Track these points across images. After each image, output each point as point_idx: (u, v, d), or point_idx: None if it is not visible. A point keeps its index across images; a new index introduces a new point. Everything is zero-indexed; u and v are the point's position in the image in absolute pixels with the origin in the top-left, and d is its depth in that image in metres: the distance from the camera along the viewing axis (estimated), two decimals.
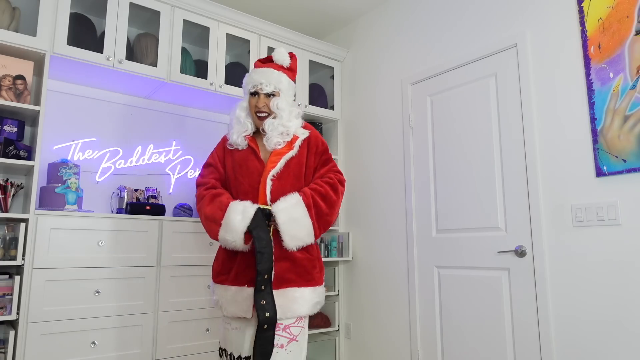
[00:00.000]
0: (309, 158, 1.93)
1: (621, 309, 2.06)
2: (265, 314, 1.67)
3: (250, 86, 1.95)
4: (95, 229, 2.44)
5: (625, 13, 2.13)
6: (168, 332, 2.60)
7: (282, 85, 1.94)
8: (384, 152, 3.32)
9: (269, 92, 1.91)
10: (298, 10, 3.60)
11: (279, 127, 1.87)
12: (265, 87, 1.91)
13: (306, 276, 1.82)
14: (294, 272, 1.80)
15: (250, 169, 1.88)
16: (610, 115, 2.14)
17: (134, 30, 3.12)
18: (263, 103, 1.91)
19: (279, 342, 1.74)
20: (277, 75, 1.95)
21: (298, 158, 1.90)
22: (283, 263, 1.79)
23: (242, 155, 1.92)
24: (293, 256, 1.80)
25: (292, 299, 1.77)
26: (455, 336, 2.71)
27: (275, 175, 1.84)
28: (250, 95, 1.95)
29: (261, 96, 1.92)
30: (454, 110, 2.86)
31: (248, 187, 1.86)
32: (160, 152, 3.21)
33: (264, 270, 1.70)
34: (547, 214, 2.36)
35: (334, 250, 3.46)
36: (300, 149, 1.91)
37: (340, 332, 3.47)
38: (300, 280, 1.80)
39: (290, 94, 2.00)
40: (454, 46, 2.92)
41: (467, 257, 2.69)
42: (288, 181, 1.86)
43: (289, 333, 1.77)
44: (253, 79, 1.94)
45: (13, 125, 2.48)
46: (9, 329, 2.30)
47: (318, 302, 1.86)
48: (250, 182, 1.87)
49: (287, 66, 2.01)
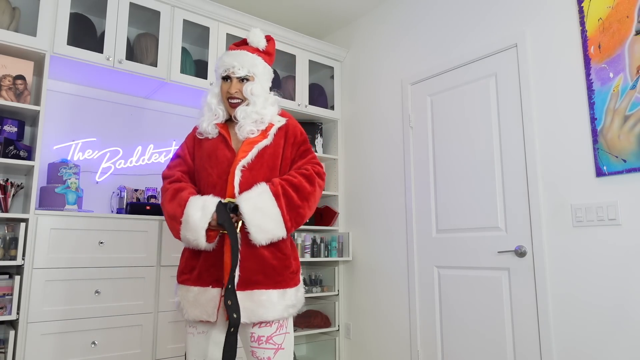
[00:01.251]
0: (286, 149, 1.76)
1: (621, 309, 2.06)
2: (233, 314, 1.53)
3: (221, 70, 1.76)
4: (95, 229, 2.44)
5: (625, 13, 2.13)
6: (168, 332, 2.60)
7: (257, 69, 1.76)
8: (384, 152, 3.32)
9: (242, 75, 1.73)
10: (298, 10, 3.60)
11: (252, 114, 1.70)
12: (237, 70, 1.73)
13: (276, 278, 1.64)
14: (262, 273, 1.62)
15: (219, 159, 1.70)
16: (610, 115, 2.14)
17: (134, 30, 3.12)
18: (236, 89, 1.72)
19: (265, 355, 1.62)
20: (251, 57, 1.76)
21: (273, 148, 1.72)
22: (251, 263, 1.61)
23: (212, 144, 1.74)
24: (262, 255, 1.63)
25: (258, 302, 1.60)
26: (455, 336, 2.71)
27: (246, 165, 1.66)
28: (222, 80, 1.76)
29: (233, 81, 1.73)
30: (454, 110, 2.86)
31: (217, 179, 1.69)
32: (160, 152, 3.21)
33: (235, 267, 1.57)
34: (547, 214, 2.36)
35: (334, 250, 3.46)
36: (275, 138, 1.73)
37: (340, 332, 3.47)
38: (269, 282, 1.62)
39: (266, 78, 1.81)
40: (454, 46, 2.92)
41: (467, 257, 2.69)
42: (260, 172, 1.68)
43: (273, 343, 1.64)
44: (224, 62, 1.76)
45: (13, 125, 2.48)
46: (9, 329, 2.30)
47: (291, 305, 1.67)
48: (219, 172, 1.69)
49: (262, 49, 1.82)
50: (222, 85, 1.77)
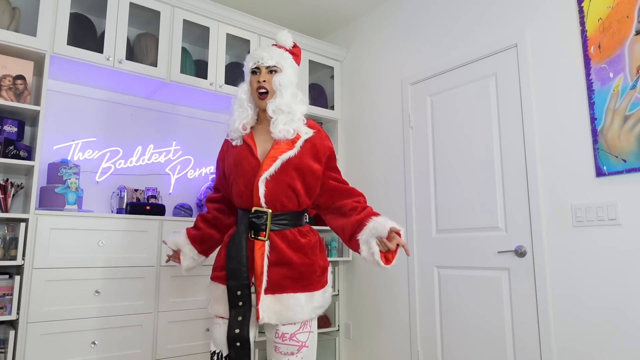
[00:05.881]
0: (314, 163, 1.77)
1: (621, 309, 2.06)
2: (235, 330, 1.64)
3: (251, 63, 1.81)
4: (95, 229, 2.44)
5: (625, 13, 2.13)
6: (168, 332, 2.60)
7: (285, 62, 1.80)
8: (384, 152, 3.32)
9: (271, 65, 1.77)
10: (298, 10, 3.60)
11: (282, 106, 1.72)
12: (267, 60, 1.77)
13: (303, 282, 1.70)
14: (289, 278, 1.69)
15: (245, 168, 1.75)
16: (610, 115, 2.14)
17: (134, 30, 3.12)
18: (264, 78, 1.76)
19: (288, 350, 1.68)
20: (279, 50, 1.82)
21: (298, 159, 1.73)
22: (280, 268, 1.69)
23: (238, 153, 1.79)
24: (290, 261, 1.69)
25: (287, 305, 1.67)
26: (455, 336, 2.71)
27: (269, 177, 1.70)
28: (252, 74, 1.81)
29: (262, 71, 1.77)
30: (454, 110, 2.86)
31: (243, 188, 1.74)
32: (160, 152, 3.21)
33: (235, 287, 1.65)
34: (547, 214, 2.35)
35: (334, 250, 3.46)
36: (302, 150, 1.74)
37: (340, 332, 3.47)
38: (296, 286, 1.69)
39: (294, 72, 1.83)
40: (454, 46, 2.92)
41: (467, 257, 2.69)
42: (284, 183, 1.72)
43: (296, 340, 1.69)
44: (254, 55, 1.81)
45: (13, 125, 2.48)
46: (9, 329, 2.30)
47: (319, 306, 1.73)
48: (245, 182, 1.74)
49: (289, 47, 1.88)
50: (251, 79, 1.81)
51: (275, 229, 1.71)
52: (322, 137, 1.81)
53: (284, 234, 1.72)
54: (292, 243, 1.72)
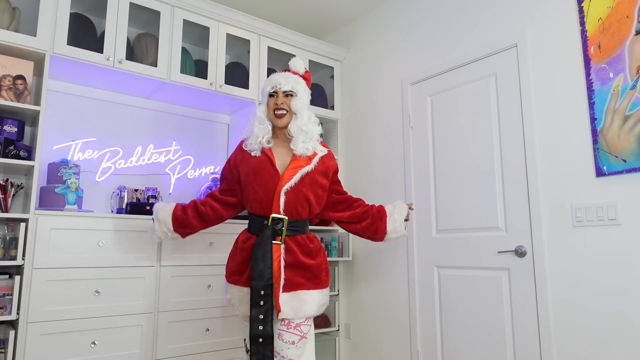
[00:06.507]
0: (323, 177, 2.06)
1: (621, 308, 2.06)
2: (259, 327, 1.82)
3: (269, 87, 2.06)
4: (95, 229, 2.44)
5: (625, 13, 2.13)
6: (168, 332, 2.60)
7: (299, 87, 2.05)
8: (384, 152, 3.32)
9: (287, 89, 2.02)
10: (298, 10, 3.60)
11: (302, 126, 2.00)
12: (284, 85, 2.02)
13: (315, 280, 1.96)
14: (303, 277, 1.93)
15: (265, 178, 1.97)
16: (610, 115, 2.14)
17: (134, 30, 3.12)
18: (282, 100, 2.01)
19: (290, 339, 1.88)
20: (294, 77, 2.08)
21: (313, 173, 2.00)
22: (294, 269, 1.92)
23: (258, 163, 2.00)
24: (303, 263, 1.94)
25: (302, 300, 1.90)
26: (455, 336, 2.71)
27: (289, 189, 1.94)
28: (269, 96, 2.05)
29: (280, 94, 2.02)
30: (454, 110, 2.86)
31: (263, 196, 1.96)
32: (160, 152, 3.21)
33: (258, 287, 1.84)
34: (547, 214, 2.35)
35: (334, 250, 3.46)
36: (317, 165, 2.02)
37: (340, 332, 3.47)
38: (310, 284, 1.94)
39: (306, 96, 2.09)
40: (454, 46, 2.92)
41: (467, 257, 2.69)
42: (301, 194, 1.97)
43: (299, 331, 1.90)
44: (272, 80, 2.06)
45: (13, 125, 2.48)
46: (9, 329, 2.30)
47: (324, 303, 1.99)
48: (265, 191, 1.96)
49: (302, 74, 2.13)
50: (268, 101, 2.06)
51: (289, 234, 1.96)
52: (330, 157, 2.13)
53: (296, 239, 1.97)
54: (303, 247, 1.97)
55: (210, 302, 2.77)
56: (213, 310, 2.78)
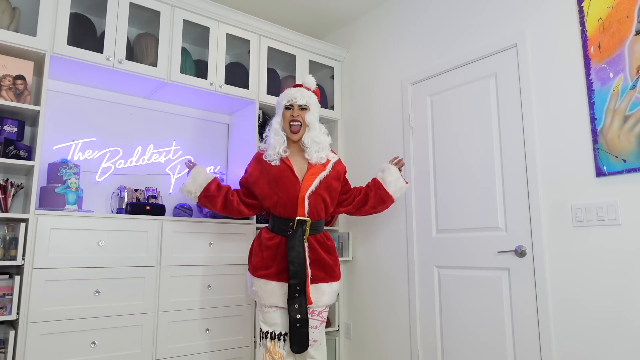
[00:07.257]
0: (336, 181, 2.39)
1: (621, 308, 2.06)
2: (297, 315, 2.15)
3: (285, 101, 2.34)
4: (95, 229, 2.44)
5: (625, 13, 2.13)
6: (168, 332, 2.60)
7: (312, 101, 2.37)
8: (384, 152, 3.32)
9: (302, 104, 2.33)
10: (298, 10, 3.60)
11: (315, 138, 2.29)
12: (299, 100, 2.32)
13: (332, 274, 2.31)
14: (323, 271, 2.27)
15: (286, 185, 2.26)
16: (610, 115, 2.14)
17: (134, 30, 3.12)
18: (297, 113, 2.32)
19: (314, 324, 2.23)
20: (308, 93, 2.38)
21: (328, 177, 2.32)
22: (317, 264, 2.26)
23: (279, 172, 2.28)
24: (324, 259, 2.27)
25: (322, 292, 2.26)
26: (455, 336, 2.71)
27: (311, 193, 2.25)
28: (285, 109, 2.34)
29: (295, 107, 2.33)
30: (454, 110, 2.86)
31: (286, 201, 2.25)
32: (160, 152, 3.21)
33: (296, 284, 2.16)
34: (547, 214, 2.36)
35: None
36: (331, 171, 2.34)
37: (340, 332, 3.47)
38: (328, 277, 2.29)
39: (317, 110, 2.41)
40: (454, 46, 2.92)
41: (467, 257, 2.69)
42: (320, 197, 2.29)
43: (321, 317, 2.28)
44: (288, 94, 2.35)
45: (13, 125, 2.48)
46: (9, 329, 2.30)
47: (338, 293, 2.38)
48: (288, 196, 2.25)
49: (313, 89, 2.43)
50: (284, 113, 2.35)
51: (311, 233, 2.27)
52: (340, 162, 2.45)
53: (317, 237, 2.30)
54: (322, 245, 2.31)
55: (210, 302, 2.77)
56: (213, 310, 2.78)
